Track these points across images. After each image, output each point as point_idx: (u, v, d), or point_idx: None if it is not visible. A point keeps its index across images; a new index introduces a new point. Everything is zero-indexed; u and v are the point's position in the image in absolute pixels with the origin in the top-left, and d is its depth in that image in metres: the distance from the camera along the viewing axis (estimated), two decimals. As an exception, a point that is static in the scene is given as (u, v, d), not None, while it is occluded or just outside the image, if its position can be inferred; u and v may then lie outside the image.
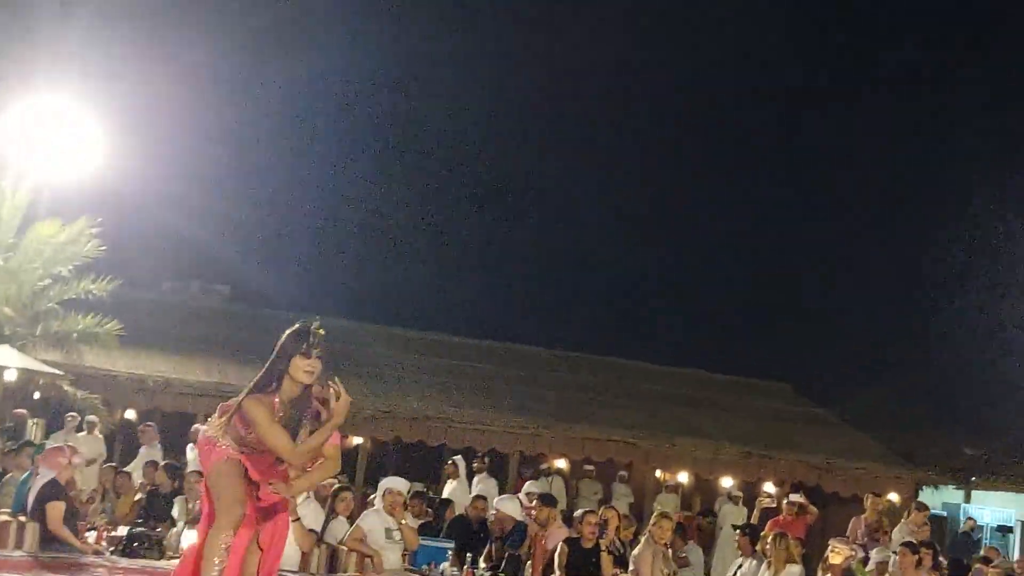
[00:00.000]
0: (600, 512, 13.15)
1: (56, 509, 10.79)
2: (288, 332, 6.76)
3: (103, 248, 19.88)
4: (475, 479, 19.93)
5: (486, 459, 21.33)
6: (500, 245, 45.51)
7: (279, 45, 41.32)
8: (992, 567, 15.91)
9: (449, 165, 46.78)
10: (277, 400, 6.63)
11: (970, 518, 25.47)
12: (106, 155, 21.11)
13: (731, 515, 21.56)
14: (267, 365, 6.72)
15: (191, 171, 32.22)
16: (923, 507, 17.36)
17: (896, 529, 16.77)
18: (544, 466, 24.11)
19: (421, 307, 36.86)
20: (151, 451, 18.79)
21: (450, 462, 19.98)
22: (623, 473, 24.37)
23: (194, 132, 33.53)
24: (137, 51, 28.73)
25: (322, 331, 6.73)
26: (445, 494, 18.72)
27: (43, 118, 19.97)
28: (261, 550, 7.01)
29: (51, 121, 20.04)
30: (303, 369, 6.58)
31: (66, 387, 18.96)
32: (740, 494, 22.56)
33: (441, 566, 12.38)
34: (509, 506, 13.27)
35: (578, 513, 13.26)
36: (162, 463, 15.88)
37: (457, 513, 15.35)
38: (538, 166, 45.70)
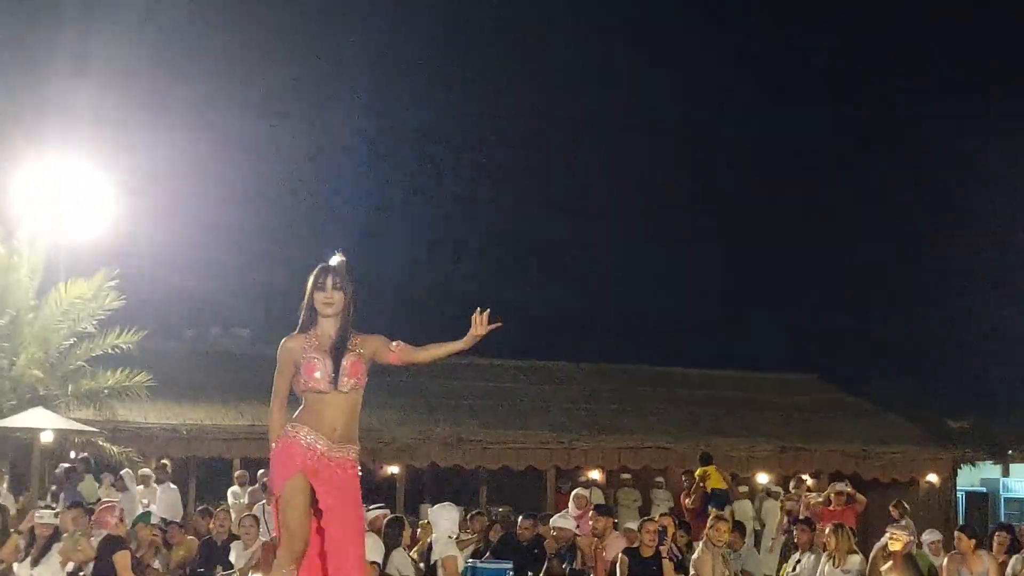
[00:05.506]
0: (657, 519, 13.09)
1: (124, 557, 10.86)
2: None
3: (123, 299, 19.94)
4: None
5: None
6: (525, 265, 45.67)
7: (293, 101, 41.59)
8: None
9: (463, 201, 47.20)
10: (313, 334, 6.78)
11: None
12: (116, 212, 21.21)
13: (772, 511, 21.49)
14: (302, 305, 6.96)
15: (200, 225, 32.26)
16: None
17: None
18: (581, 479, 24.03)
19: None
20: (167, 491, 18.54)
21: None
22: (660, 479, 24.24)
23: (202, 186, 33.60)
24: (148, 109, 28.84)
25: (335, 261, 6.86)
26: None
27: (55, 178, 20.05)
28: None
29: (63, 181, 20.11)
30: (321, 302, 6.79)
31: (101, 443, 18.99)
32: (779, 489, 22.44)
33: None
34: (567, 523, 13.26)
35: (632, 524, 13.21)
36: (198, 508, 15.86)
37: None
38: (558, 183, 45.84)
